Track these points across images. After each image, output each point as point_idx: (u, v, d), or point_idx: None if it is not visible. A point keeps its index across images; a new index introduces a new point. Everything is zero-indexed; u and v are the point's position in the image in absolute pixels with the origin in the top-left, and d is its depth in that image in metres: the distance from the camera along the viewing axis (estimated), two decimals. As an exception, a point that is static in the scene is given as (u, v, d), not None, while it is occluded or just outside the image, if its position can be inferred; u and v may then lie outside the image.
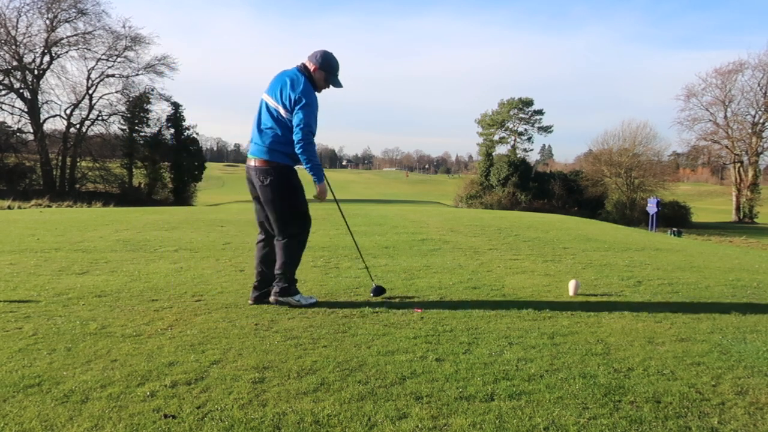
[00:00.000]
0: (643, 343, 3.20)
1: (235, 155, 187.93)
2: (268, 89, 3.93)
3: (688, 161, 56.58)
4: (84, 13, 40.34)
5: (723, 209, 52.90)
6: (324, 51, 3.96)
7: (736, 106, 47.04)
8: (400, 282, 4.88)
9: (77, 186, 41.38)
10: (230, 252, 6.65)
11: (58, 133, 42.53)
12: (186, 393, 2.39)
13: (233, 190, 78.50)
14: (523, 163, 48.12)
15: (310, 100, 3.78)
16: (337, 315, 3.73)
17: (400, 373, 2.66)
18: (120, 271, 5.27)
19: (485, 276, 5.30)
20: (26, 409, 2.22)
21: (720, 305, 4.25)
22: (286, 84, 3.82)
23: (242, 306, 3.95)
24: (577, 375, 2.67)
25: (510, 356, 2.93)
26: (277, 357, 2.86)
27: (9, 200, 26.72)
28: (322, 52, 3.95)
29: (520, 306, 4.03)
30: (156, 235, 8.35)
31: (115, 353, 2.88)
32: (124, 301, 4.03)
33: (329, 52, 3.98)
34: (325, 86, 4.03)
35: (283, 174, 3.86)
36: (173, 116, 43.86)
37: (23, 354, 2.85)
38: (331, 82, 4.01)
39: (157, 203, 38.24)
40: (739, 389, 2.56)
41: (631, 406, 2.35)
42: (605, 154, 45.58)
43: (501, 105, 59.21)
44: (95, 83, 42.26)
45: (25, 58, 39.93)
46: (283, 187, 3.87)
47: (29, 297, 4.11)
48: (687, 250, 8.28)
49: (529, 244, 8.11)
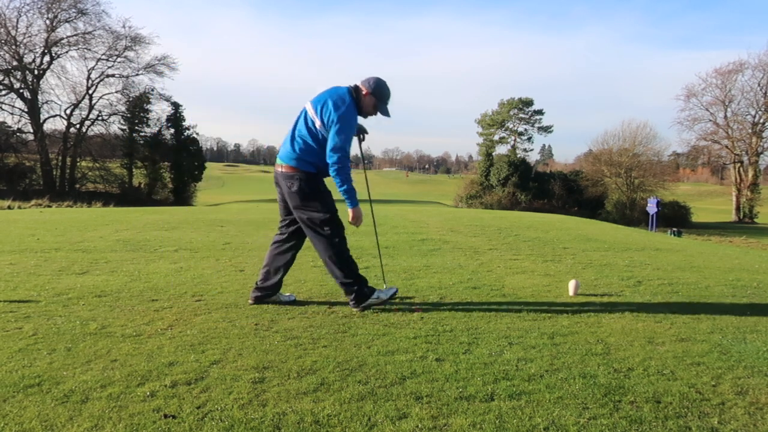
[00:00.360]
0: (643, 343, 3.20)
1: (235, 155, 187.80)
2: (313, 99, 3.90)
3: (688, 161, 56.59)
4: (84, 13, 40.36)
5: (723, 209, 52.89)
6: (378, 78, 3.96)
7: (736, 106, 47.06)
8: (400, 282, 4.88)
9: (77, 186, 41.38)
10: (230, 252, 6.65)
11: (58, 133, 42.54)
12: (186, 393, 2.39)
13: (233, 190, 78.54)
14: (523, 163, 48.12)
15: (350, 125, 3.77)
16: (337, 315, 3.73)
17: (400, 373, 2.66)
18: (120, 271, 5.27)
19: (485, 276, 5.30)
20: (26, 409, 2.22)
21: (720, 305, 4.25)
22: (331, 101, 3.79)
23: (242, 306, 3.95)
24: (577, 375, 2.67)
25: (510, 356, 2.93)
26: (277, 357, 2.86)
27: (9, 200, 26.73)
28: (376, 79, 3.95)
29: (520, 306, 4.03)
30: (156, 235, 8.35)
31: (115, 353, 2.88)
32: (124, 301, 4.03)
33: (383, 80, 3.98)
34: (373, 113, 4.01)
35: (309, 180, 3.82)
36: (173, 116, 43.87)
37: (23, 354, 2.85)
38: (380, 109, 4.00)
39: (157, 203, 38.24)
40: (739, 389, 2.56)
41: (631, 406, 2.35)
42: (605, 154, 45.58)
43: (501, 105, 59.20)
44: (95, 83, 42.28)
45: (25, 58, 39.93)
46: (311, 193, 3.82)
47: (29, 297, 4.11)
48: (687, 250, 8.28)
49: (529, 244, 8.11)
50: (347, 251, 3.93)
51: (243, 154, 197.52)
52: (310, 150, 3.79)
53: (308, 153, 3.79)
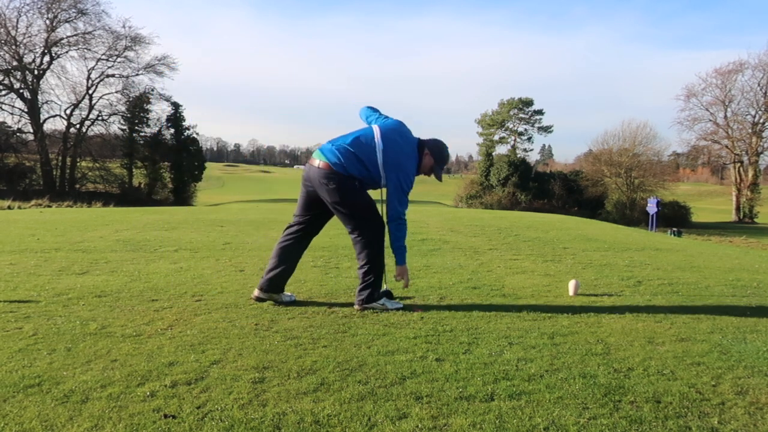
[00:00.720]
0: (643, 343, 3.20)
1: (235, 155, 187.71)
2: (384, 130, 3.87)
3: (688, 161, 56.62)
4: (84, 13, 40.42)
5: (723, 209, 52.90)
6: (442, 142, 4.03)
7: (736, 106, 47.10)
8: (400, 282, 4.87)
9: (77, 186, 41.42)
10: (230, 252, 6.65)
11: (58, 133, 42.59)
12: (186, 393, 2.39)
13: (233, 190, 78.54)
14: (523, 163, 48.14)
15: (409, 185, 3.85)
16: (337, 315, 3.73)
17: (400, 373, 2.66)
18: (120, 271, 5.27)
19: (485, 276, 5.30)
20: (26, 409, 2.22)
21: (720, 305, 4.25)
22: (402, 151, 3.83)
23: (242, 306, 3.95)
24: (577, 375, 2.67)
25: (510, 356, 2.93)
26: (277, 357, 2.86)
27: (9, 200, 26.75)
28: (440, 143, 4.02)
29: (520, 306, 4.03)
30: (156, 235, 8.35)
31: (115, 353, 2.88)
32: (124, 301, 4.03)
33: (446, 144, 4.05)
34: (428, 174, 4.04)
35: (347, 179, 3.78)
36: (173, 116, 43.90)
37: (23, 354, 2.85)
38: (435, 172, 4.03)
39: (157, 203, 38.26)
40: (739, 389, 2.55)
41: (631, 406, 2.35)
42: (605, 154, 45.62)
43: (501, 105, 59.22)
44: (95, 83, 42.33)
45: (25, 58, 39.96)
46: (348, 190, 3.78)
47: (29, 297, 4.11)
48: (687, 250, 8.28)
49: (529, 244, 8.11)
50: (382, 252, 3.93)
51: (243, 154, 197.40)
52: (355, 166, 3.76)
53: (353, 167, 3.76)
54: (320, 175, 3.78)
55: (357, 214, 3.83)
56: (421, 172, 4.00)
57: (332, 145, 3.84)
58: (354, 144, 3.80)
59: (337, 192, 3.75)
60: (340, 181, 3.74)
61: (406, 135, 3.95)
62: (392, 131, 3.90)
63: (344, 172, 3.74)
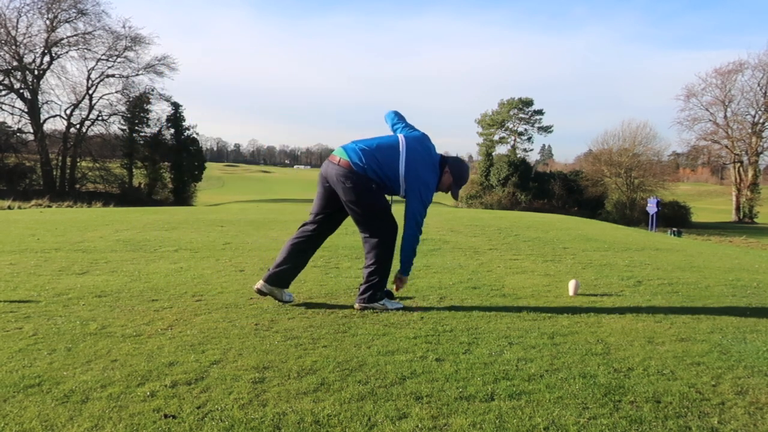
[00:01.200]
0: (643, 343, 3.20)
1: (235, 155, 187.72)
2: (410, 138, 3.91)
3: (688, 161, 56.65)
4: (84, 14, 40.45)
5: (723, 209, 52.92)
6: (463, 161, 4.05)
7: (736, 106, 47.13)
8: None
9: (77, 186, 41.45)
10: (230, 252, 6.65)
11: (58, 133, 42.61)
12: (186, 393, 2.39)
13: (233, 190, 78.54)
14: (523, 163, 48.16)
15: (429, 198, 3.87)
16: (337, 315, 3.73)
17: (400, 373, 2.66)
18: (120, 271, 5.27)
19: (485, 276, 5.30)
20: (26, 409, 2.22)
21: (720, 305, 4.25)
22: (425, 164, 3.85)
23: (242, 306, 3.95)
24: (577, 375, 2.67)
25: (510, 356, 2.93)
26: (277, 357, 2.86)
27: (9, 200, 26.77)
28: (461, 163, 4.04)
29: (520, 306, 4.03)
30: (156, 235, 8.36)
31: (115, 353, 2.88)
32: (124, 301, 4.03)
33: (467, 165, 4.06)
34: (445, 191, 4.05)
35: (365, 180, 3.78)
36: (173, 116, 43.92)
37: (23, 354, 2.85)
38: (452, 190, 4.05)
39: (157, 203, 38.28)
40: (739, 389, 2.55)
41: (631, 406, 2.35)
42: (605, 154, 45.64)
43: (501, 105, 59.22)
44: (95, 83, 42.35)
45: (25, 58, 39.98)
46: (364, 190, 3.78)
47: (29, 297, 4.11)
48: (687, 250, 8.28)
49: (529, 244, 8.12)
50: (392, 254, 3.93)
51: (243, 154, 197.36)
52: (374, 170, 3.77)
53: (372, 170, 3.77)
54: (339, 172, 3.78)
55: (371, 215, 3.84)
56: (439, 189, 4.01)
57: (356, 146, 3.84)
58: (378, 149, 3.82)
59: (353, 191, 3.76)
60: (357, 180, 3.75)
61: (429, 149, 3.97)
62: (417, 142, 3.92)
63: (363, 173, 3.76)
